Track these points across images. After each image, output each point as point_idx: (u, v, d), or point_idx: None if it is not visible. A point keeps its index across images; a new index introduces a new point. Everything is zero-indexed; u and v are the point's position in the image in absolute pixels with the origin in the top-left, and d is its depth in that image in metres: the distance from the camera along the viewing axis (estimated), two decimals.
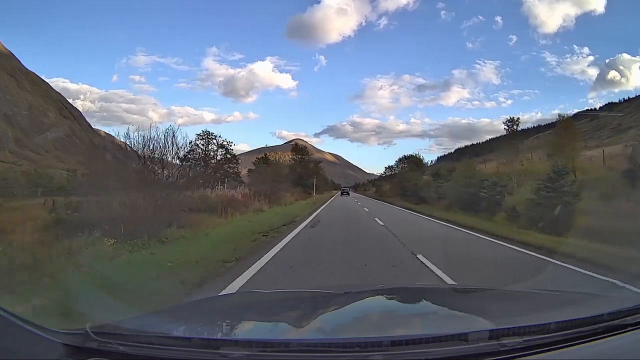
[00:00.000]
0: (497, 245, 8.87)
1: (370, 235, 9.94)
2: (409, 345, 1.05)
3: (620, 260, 6.29)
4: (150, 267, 5.11)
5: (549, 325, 1.15)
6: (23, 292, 3.70)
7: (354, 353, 1.02)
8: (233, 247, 6.97)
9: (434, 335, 1.10)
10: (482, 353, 1.04)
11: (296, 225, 11.94)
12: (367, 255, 6.76)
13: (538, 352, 1.07)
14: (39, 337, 1.01)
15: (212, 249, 6.78)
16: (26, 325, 1.00)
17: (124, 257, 5.85)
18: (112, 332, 1.12)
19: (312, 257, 6.49)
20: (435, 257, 6.46)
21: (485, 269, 6.03)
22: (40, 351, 0.99)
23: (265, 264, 5.75)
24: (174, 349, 1.03)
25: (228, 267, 5.45)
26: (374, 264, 6.01)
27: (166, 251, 6.43)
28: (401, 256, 6.82)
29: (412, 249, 7.45)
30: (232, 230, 9.85)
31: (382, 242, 8.68)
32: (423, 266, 5.95)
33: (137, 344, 1.06)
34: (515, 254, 7.60)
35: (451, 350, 1.03)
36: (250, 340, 1.15)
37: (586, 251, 7.14)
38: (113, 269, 5.09)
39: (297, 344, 1.09)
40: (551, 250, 7.52)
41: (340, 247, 7.72)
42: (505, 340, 1.06)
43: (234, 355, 0.98)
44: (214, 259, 5.80)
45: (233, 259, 5.95)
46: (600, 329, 1.19)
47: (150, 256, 5.96)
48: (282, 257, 6.44)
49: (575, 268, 6.01)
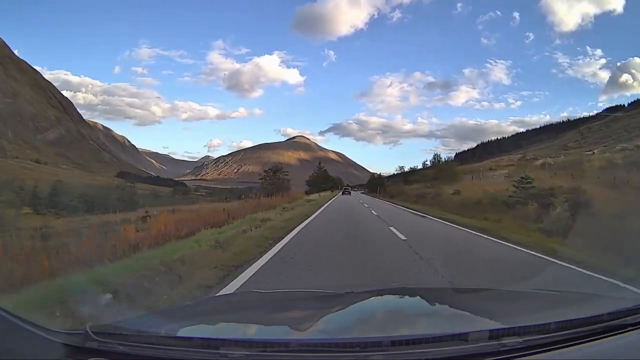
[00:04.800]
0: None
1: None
2: (409, 345, 1.05)
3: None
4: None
5: (549, 325, 1.15)
6: None
7: (354, 353, 1.02)
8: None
9: (434, 335, 1.10)
10: (482, 353, 1.04)
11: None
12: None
13: (538, 352, 1.07)
14: (39, 337, 1.01)
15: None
16: (26, 325, 1.00)
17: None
18: (112, 332, 1.12)
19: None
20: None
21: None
22: (40, 351, 1.00)
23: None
24: (174, 349, 1.04)
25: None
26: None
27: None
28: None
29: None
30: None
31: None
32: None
33: (137, 344, 1.06)
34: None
35: (451, 350, 1.03)
36: (250, 340, 1.15)
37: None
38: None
39: (297, 344, 1.09)
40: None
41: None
42: (505, 340, 1.06)
43: (234, 355, 0.98)
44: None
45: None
46: (600, 329, 1.19)
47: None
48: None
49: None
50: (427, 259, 5.95)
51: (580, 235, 7.76)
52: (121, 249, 6.45)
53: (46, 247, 7.26)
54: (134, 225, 11.18)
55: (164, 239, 8.04)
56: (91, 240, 7.46)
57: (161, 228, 9.44)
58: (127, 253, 6.16)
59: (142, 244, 7.12)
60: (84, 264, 5.11)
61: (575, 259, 6.15)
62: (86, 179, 70.51)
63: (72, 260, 5.44)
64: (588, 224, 8.63)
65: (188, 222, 11.01)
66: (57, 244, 7.86)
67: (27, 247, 6.43)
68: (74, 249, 6.38)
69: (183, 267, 4.83)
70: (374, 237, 9.02)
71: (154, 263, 4.90)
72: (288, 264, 5.53)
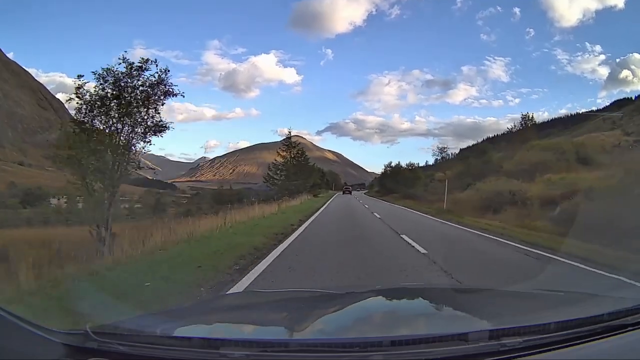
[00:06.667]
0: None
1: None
2: (409, 345, 1.05)
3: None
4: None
5: (549, 325, 1.15)
6: None
7: (354, 353, 1.02)
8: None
9: (434, 335, 1.10)
10: (482, 353, 1.04)
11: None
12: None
13: (538, 352, 1.07)
14: (39, 337, 1.01)
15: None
16: (26, 325, 1.01)
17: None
18: (112, 332, 1.12)
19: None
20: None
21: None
22: (40, 351, 1.00)
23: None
24: (174, 349, 1.04)
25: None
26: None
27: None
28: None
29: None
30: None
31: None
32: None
33: (137, 344, 1.06)
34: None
35: (451, 350, 1.03)
36: (250, 340, 1.15)
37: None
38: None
39: (297, 344, 1.10)
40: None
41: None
42: (505, 340, 1.06)
43: (234, 355, 0.98)
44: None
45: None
46: (600, 329, 1.19)
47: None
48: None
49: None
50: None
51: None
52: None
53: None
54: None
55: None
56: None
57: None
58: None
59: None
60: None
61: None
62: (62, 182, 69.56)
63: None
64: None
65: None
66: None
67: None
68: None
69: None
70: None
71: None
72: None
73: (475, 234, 10.92)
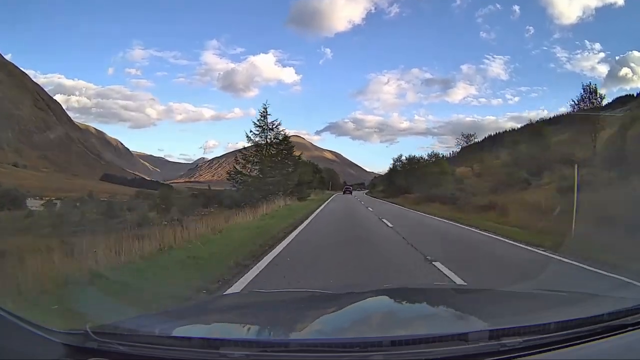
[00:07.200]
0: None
1: None
2: (409, 345, 1.05)
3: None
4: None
5: (549, 325, 1.15)
6: None
7: (354, 353, 1.02)
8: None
9: (434, 335, 1.10)
10: (482, 353, 1.04)
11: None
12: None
13: (538, 352, 1.07)
14: (39, 337, 1.01)
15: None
16: (26, 325, 1.01)
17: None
18: (112, 332, 1.12)
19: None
20: None
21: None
22: (40, 351, 1.00)
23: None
24: (174, 349, 1.04)
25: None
26: None
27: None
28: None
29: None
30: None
31: None
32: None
33: (137, 344, 1.06)
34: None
35: (451, 350, 1.03)
36: (250, 340, 1.15)
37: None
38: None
39: (297, 344, 1.09)
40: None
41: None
42: (505, 340, 1.06)
43: (234, 355, 0.98)
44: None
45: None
46: (600, 329, 1.19)
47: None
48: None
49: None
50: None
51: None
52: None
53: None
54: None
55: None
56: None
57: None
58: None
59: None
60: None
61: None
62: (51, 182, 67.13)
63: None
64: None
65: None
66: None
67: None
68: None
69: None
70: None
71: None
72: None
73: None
